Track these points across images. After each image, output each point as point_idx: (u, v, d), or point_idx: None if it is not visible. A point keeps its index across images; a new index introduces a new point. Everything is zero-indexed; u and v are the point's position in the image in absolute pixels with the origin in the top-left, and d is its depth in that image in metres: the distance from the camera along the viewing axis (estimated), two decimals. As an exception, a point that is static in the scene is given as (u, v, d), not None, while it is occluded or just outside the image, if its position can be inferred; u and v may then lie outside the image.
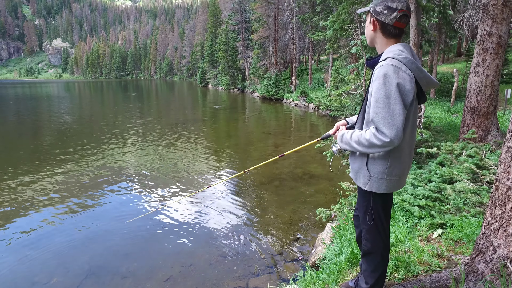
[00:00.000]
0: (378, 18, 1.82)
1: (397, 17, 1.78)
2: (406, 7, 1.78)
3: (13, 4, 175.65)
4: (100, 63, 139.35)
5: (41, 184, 8.11)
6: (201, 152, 11.25)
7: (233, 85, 40.94)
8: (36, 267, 4.73)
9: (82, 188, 7.79)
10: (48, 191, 7.65)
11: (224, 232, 5.59)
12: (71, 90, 56.58)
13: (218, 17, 51.60)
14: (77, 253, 5.06)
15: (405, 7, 1.77)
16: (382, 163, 1.83)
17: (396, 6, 1.77)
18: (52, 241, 5.44)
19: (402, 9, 1.77)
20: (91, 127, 17.31)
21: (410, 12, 1.80)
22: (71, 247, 5.23)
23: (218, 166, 9.53)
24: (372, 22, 1.86)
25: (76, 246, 5.27)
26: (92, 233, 5.71)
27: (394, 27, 1.81)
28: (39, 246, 5.28)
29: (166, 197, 7.20)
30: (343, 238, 3.55)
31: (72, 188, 7.83)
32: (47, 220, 6.18)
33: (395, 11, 1.77)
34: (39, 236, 5.60)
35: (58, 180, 8.39)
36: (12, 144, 13.13)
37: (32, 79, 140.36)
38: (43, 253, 5.10)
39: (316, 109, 20.99)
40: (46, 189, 7.78)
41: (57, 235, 5.63)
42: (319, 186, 7.60)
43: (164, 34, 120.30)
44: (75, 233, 5.71)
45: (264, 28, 33.32)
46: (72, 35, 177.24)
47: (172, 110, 25.85)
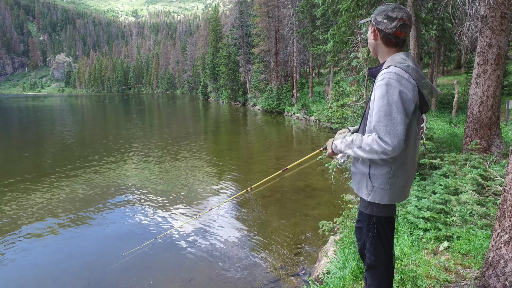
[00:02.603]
0: (378, 28, 1.83)
1: (397, 26, 1.79)
2: (407, 17, 1.79)
3: (19, 21, 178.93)
4: (102, 77, 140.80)
5: (40, 199, 8.04)
6: (203, 166, 11.20)
7: (234, 98, 41.16)
8: (32, 284, 4.63)
9: (83, 204, 7.72)
10: (47, 206, 7.57)
11: (225, 245, 5.49)
12: (73, 104, 56.94)
13: (219, 31, 52.28)
14: (76, 268, 4.96)
15: (405, 17, 1.79)
16: (385, 173, 1.79)
17: (396, 16, 1.79)
18: (51, 255, 5.35)
19: (402, 18, 1.78)
20: (92, 141, 17.32)
21: (411, 21, 1.82)
22: (69, 262, 5.13)
23: (220, 181, 9.46)
24: (373, 32, 1.87)
25: (75, 260, 5.17)
26: (91, 247, 5.62)
27: (395, 36, 1.81)
28: (37, 261, 5.19)
29: (169, 218, 7.09)
30: (347, 251, 3.46)
31: (72, 203, 7.76)
32: (46, 235, 6.10)
33: (395, 20, 1.78)
34: (38, 251, 5.51)
35: (57, 195, 8.33)
36: (12, 158, 13.11)
37: (35, 93, 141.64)
38: (41, 268, 5.01)
39: (317, 121, 21.01)
40: (44, 204, 7.71)
41: (56, 250, 5.54)
42: (321, 199, 7.51)
43: (166, 48, 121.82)
44: (74, 248, 5.62)
45: (265, 42, 33.71)
46: (76, 50, 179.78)
47: (174, 123, 25.93)
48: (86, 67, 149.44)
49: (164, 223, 6.45)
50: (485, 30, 5.48)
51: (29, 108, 45.84)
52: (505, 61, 5.70)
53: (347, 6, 7.60)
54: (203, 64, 66.57)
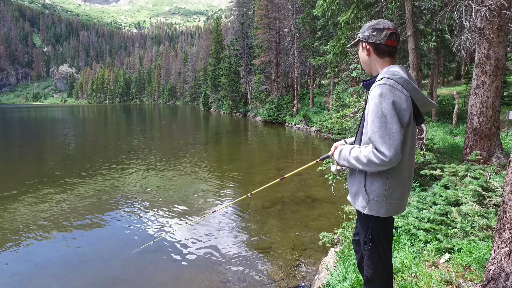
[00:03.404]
0: (369, 42, 1.86)
1: (387, 35, 1.83)
2: (393, 26, 1.85)
3: (24, 32, 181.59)
4: (104, 88, 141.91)
5: (43, 207, 8.02)
6: (203, 176, 11.19)
7: (235, 109, 41.33)
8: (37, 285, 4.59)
9: (85, 212, 7.69)
10: (51, 214, 7.55)
11: (225, 257, 5.44)
12: (75, 115, 57.23)
13: (221, 43, 52.85)
14: (76, 276, 4.91)
15: (392, 26, 1.84)
16: (381, 185, 1.79)
17: (383, 27, 1.84)
18: (52, 263, 5.30)
19: (390, 28, 1.84)
20: (94, 150, 17.36)
21: (397, 31, 1.87)
22: (69, 270, 5.09)
23: (221, 190, 9.44)
24: (365, 48, 1.90)
25: (74, 268, 5.13)
26: (90, 256, 5.57)
27: (387, 45, 1.85)
28: (39, 268, 5.15)
29: (170, 223, 7.07)
30: (347, 264, 3.43)
31: (75, 212, 7.74)
32: (49, 243, 6.06)
33: (383, 30, 1.83)
34: (39, 258, 5.48)
35: (58, 204, 8.31)
36: (15, 167, 13.12)
37: (37, 104, 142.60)
38: (44, 275, 4.96)
39: (318, 132, 21.04)
40: (47, 212, 7.69)
41: (56, 257, 5.50)
42: (322, 210, 7.47)
43: (167, 59, 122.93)
44: (74, 256, 5.57)
45: (266, 53, 34.04)
46: (79, 61, 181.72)
47: (175, 134, 25.99)
48: (88, 78, 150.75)
49: (163, 228, 6.41)
50: (482, 42, 5.53)
51: (31, 119, 46.07)
52: (503, 72, 5.74)
53: (346, 19, 7.69)
54: (205, 75, 67.12)
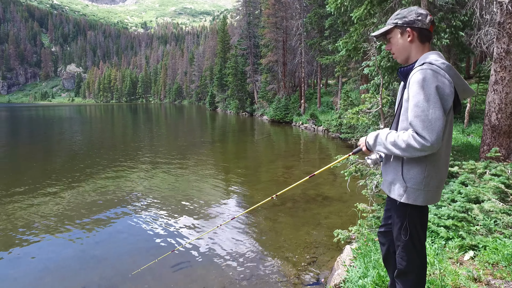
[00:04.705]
0: (414, 27, 1.79)
1: (431, 20, 1.80)
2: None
3: (33, 32, 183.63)
4: (111, 87, 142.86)
5: (52, 206, 8.05)
6: (211, 175, 11.15)
7: (242, 109, 41.30)
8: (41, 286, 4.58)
9: (95, 212, 7.70)
10: (58, 213, 7.57)
11: (237, 254, 5.38)
12: (83, 114, 57.64)
13: (227, 42, 52.87)
14: (87, 273, 4.90)
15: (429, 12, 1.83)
16: (419, 173, 1.72)
17: (425, 12, 1.81)
18: (63, 262, 5.30)
19: (430, 14, 1.81)
20: (101, 150, 17.43)
21: None
22: (80, 267, 5.07)
23: (230, 191, 9.38)
24: (409, 33, 1.82)
25: (87, 266, 5.11)
26: (102, 251, 5.56)
27: (429, 31, 1.82)
28: (49, 267, 5.15)
29: (184, 231, 7.03)
30: (366, 260, 3.35)
31: (83, 211, 7.76)
32: (54, 241, 6.07)
33: (427, 15, 1.80)
34: (48, 257, 5.48)
35: (67, 203, 8.34)
36: (26, 166, 13.21)
37: (46, 103, 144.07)
38: (50, 273, 4.96)
39: (326, 131, 20.91)
40: (55, 211, 7.71)
41: (63, 257, 5.50)
42: (333, 208, 7.38)
43: (174, 59, 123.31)
44: (85, 253, 5.57)
45: (273, 52, 33.96)
46: (86, 61, 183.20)
47: (182, 133, 26.03)
48: (95, 78, 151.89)
49: (177, 234, 6.38)
50: (502, 37, 5.40)
51: (39, 118, 46.49)
52: (524, 68, 5.60)
53: (359, 15, 7.60)
54: (211, 75, 67.22)
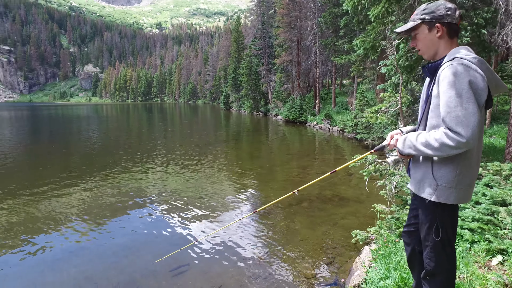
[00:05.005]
0: (443, 22, 1.75)
1: (460, 15, 1.76)
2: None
3: (52, 34, 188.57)
4: (127, 87, 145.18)
5: (70, 200, 8.24)
6: (227, 174, 11.20)
7: (256, 109, 41.31)
8: (69, 281, 4.68)
9: (111, 209, 7.84)
10: (75, 210, 7.74)
11: (255, 253, 5.39)
12: (99, 113, 58.75)
13: (241, 42, 52.98)
14: (107, 268, 4.99)
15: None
16: (451, 170, 1.67)
17: (454, 6, 1.76)
18: (82, 257, 5.41)
19: (457, 8, 1.77)
20: (117, 148, 17.73)
21: None
22: (100, 264, 5.17)
23: (246, 189, 9.39)
24: (438, 28, 1.77)
25: (106, 261, 5.21)
26: (119, 248, 5.65)
27: (457, 25, 1.77)
28: (70, 260, 5.26)
29: (201, 227, 7.10)
30: (387, 261, 3.30)
31: (100, 208, 7.90)
32: (77, 236, 6.20)
33: (456, 10, 1.75)
34: (70, 253, 5.60)
35: (83, 200, 8.51)
36: (44, 162, 13.57)
37: (64, 102, 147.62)
38: (75, 268, 5.07)
39: (341, 132, 20.72)
40: (72, 208, 7.88)
41: (87, 252, 5.61)
42: (349, 209, 7.31)
43: (188, 59, 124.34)
44: (104, 248, 5.67)
45: (287, 52, 33.85)
46: (103, 61, 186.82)
47: (196, 133, 26.22)
48: (112, 77, 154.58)
49: (193, 231, 6.43)
50: (528, 35, 5.23)
51: (58, 116, 47.62)
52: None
53: (377, 13, 7.49)
54: (225, 75, 67.52)
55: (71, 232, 6.32)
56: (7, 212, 7.42)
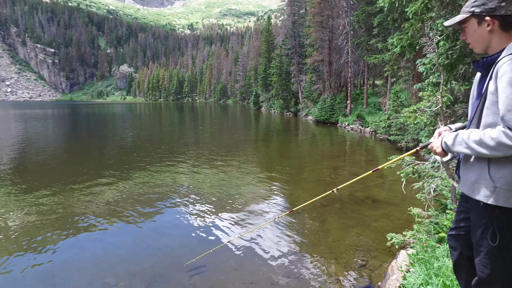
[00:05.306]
0: (495, 14, 1.65)
1: None
2: None
3: (92, 36, 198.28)
4: (159, 86, 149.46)
5: (104, 197, 8.61)
6: (256, 173, 11.24)
7: (286, 109, 41.14)
8: (107, 270, 4.91)
9: (144, 205, 8.11)
10: (112, 204, 8.07)
11: (286, 252, 5.38)
12: (132, 110, 60.88)
13: (272, 42, 52.92)
14: (142, 261, 5.17)
15: None
16: (510, 172, 1.58)
17: None
18: (120, 248, 5.65)
19: None
20: (148, 145, 18.30)
21: None
22: (136, 255, 5.37)
23: (277, 188, 9.38)
24: (489, 22, 1.68)
25: (141, 254, 5.40)
26: (155, 242, 5.85)
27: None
28: (109, 251, 5.51)
29: (233, 226, 7.19)
30: (428, 267, 3.18)
31: (133, 204, 8.20)
32: (115, 228, 6.48)
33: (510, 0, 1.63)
34: (107, 242, 5.87)
35: (116, 196, 8.85)
36: (82, 158, 14.28)
37: (101, 101, 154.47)
38: (112, 257, 5.30)
39: (374, 133, 20.19)
40: (109, 202, 8.23)
41: (123, 244, 5.85)
42: (383, 211, 7.11)
43: (219, 59, 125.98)
44: (140, 241, 5.89)
45: (318, 52, 33.42)
46: (137, 61, 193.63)
47: (227, 131, 26.52)
48: (145, 77, 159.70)
49: (226, 229, 6.52)
50: None
51: (96, 114, 49.85)
52: None
53: (415, 9, 7.23)
54: (255, 75, 67.76)
55: (106, 227, 6.61)
56: (48, 204, 7.87)
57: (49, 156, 14.63)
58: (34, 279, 4.76)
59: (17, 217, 7.01)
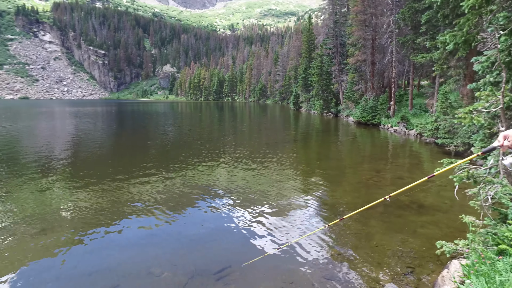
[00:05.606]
0: None
1: None
2: None
3: (138, 38, 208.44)
4: (200, 86, 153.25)
5: (150, 188, 8.95)
6: (297, 174, 11.14)
7: (327, 109, 40.40)
8: (151, 261, 5.11)
9: (189, 202, 8.33)
10: (158, 197, 8.38)
11: (327, 254, 5.28)
12: (174, 109, 62.97)
13: (313, 42, 52.19)
14: (185, 254, 5.31)
15: None
16: None
17: None
18: (163, 240, 5.86)
19: None
20: (189, 142, 18.79)
21: None
22: (179, 249, 5.53)
23: (317, 191, 9.23)
24: None
25: (184, 248, 5.55)
26: (197, 237, 5.99)
27: None
28: (153, 242, 5.74)
29: (278, 233, 7.18)
30: (488, 280, 2.94)
31: (179, 200, 8.44)
32: (159, 221, 6.73)
33: None
34: (152, 235, 6.10)
35: (160, 190, 9.16)
36: (126, 152, 14.99)
37: (145, 99, 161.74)
38: (157, 248, 5.51)
39: (419, 136, 19.21)
40: (155, 194, 8.54)
41: (166, 237, 6.06)
42: (431, 218, 6.72)
43: (259, 59, 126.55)
44: (183, 235, 6.07)
45: (361, 51, 32.42)
46: (179, 62, 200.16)
47: (266, 131, 26.57)
48: (187, 77, 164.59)
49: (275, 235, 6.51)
50: None
51: (140, 112, 52.19)
52: None
53: (472, 3, 6.77)
54: (295, 75, 67.28)
55: (151, 219, 6.89)
56: (98, 194, 8.34)
57: (99, 150, 15.55)
58: (90, 261, 5.06)
59: (71, 205, 7.51)
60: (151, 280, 4.60)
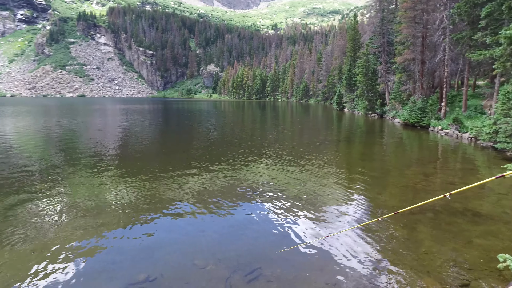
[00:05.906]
0: None
1: None
2: None
3: (183, 38, 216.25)
4: (243, 85, 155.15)
5: (193, 184, 9.25)
6: (340, 174, 10.93)
7: (371, 110, 39.06)
8: (196, 253, 5.30)
9: (231, 197, 8.50)
10: (201, 192, 8.65)
11: (372, 258, 5.14)
12: (217, 107, 64.39)
13: (358, 41, 50.65)
14: (228, 249, 5.44)
15: None
16: None
17: None
18: (206, 235, 6.04)
19: None
20: (231, 140, 19.10)
21: None
22: (223, 243, 5.68)
23: (361, 190, 8.99)
24: None
25: (227, 243, 5.69)
26: (240, 232, 6.12)
27: None
28: (196, 235, 5.95)
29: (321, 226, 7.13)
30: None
31: (221, 196, 8.65)
32: (202, 216, 6.96)
33: None
34: (195, 227, 6.33)
35: (201, 186, 9.41)
36: (170, 149, 15.60)
37: (189, 98, 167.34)
38: (200, 242, 5.70)
39: (474, 140, 17.93)
40: (198, 190, 8.82)
41: (210, 231, 6.25)
42: (489, 227, 6.26)
43: (302, 59, 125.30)
44: (225, 230, 6.22)
45: (410, 50, 30.86)
46: (223, 61, 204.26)
47: (308, 131, 26.31)
48: (230, 76, 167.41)
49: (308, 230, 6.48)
50: None
51: (185, 109, 54.03)
52: None
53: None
54: (339, 74, 65.84)
55: (194, 214, 7.13)
56: (143, 188, 8.78)
57: (145, 145, 16.38)
58: (136, 252, 5.36)
59: (117, 198, 7.99)
60: (195, 271, 4.77)
